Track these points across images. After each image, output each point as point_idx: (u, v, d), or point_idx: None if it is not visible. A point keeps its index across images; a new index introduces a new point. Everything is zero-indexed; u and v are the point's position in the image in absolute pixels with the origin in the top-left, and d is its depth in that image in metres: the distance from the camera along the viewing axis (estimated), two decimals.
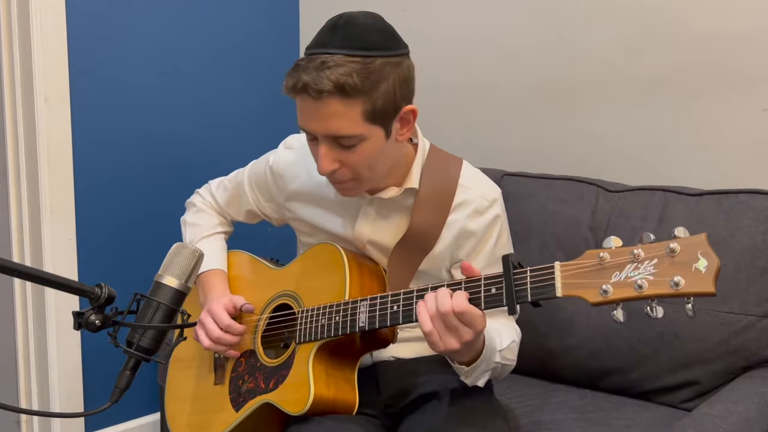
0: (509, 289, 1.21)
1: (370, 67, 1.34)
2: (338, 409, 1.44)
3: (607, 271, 1.12)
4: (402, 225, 1.53)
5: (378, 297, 1.38)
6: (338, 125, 1.35)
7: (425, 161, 1.53)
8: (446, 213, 1.51)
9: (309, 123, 1.38)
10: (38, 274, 1.07)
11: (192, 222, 1.78)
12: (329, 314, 1.43)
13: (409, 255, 1.52)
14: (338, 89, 1.32)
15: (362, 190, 1.49)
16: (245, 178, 1.73)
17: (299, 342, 1.48)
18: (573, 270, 1.16)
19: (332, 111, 1.34)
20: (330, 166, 1.39)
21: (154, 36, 2.31)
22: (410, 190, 1.52)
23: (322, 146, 1.38)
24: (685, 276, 1.07)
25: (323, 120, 1.35)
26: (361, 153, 1.39)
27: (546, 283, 1.18)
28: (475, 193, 1.53)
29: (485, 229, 1.52)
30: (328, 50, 1.34)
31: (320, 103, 1.33)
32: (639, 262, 1.10)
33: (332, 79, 1.31)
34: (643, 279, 1.09)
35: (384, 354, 1.58)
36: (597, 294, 1.12)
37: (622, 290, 1.11)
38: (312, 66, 1.33)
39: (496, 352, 1.41)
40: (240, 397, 1.55)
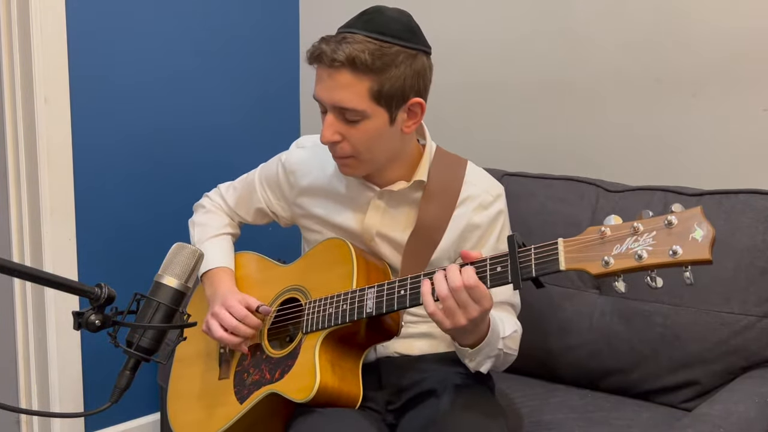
0: (514, 266, 1.25)
1: (384, 50, 1.42)
2: (342, 401, 1.45)
3: (609, 245, 1.17)
4: (410, 218, 1.58)
5: (385, 283, 1.42)
6: (344, 96, 1.43)
7: (432, 160, 1.60)
8: (452, 207, 1.57)
9: (320, 91, 1.47)
10: (38, 274, 1.07)
11: (200, 222, 1.80)
12: (336, 303, 1.46)
13: (420, 248, 1.56)
14: (349, 62, 1.41)
15: (362, 170, 1.55)
16: (256, 177, 1.77)
17: (306, 332, 1.49)
18: (575, 245, 1.20)
19: (342, 82, 1.43)
20: (331, 136, 1.47)
21: (153, 36, 2.31)
22: (419, 183, 1.57)
23: (329, 115, 1.47)
24: (683, 245, 1.11)
25: (332, 89, 1.44)
26: (363, 130, 1.46)
27: (550, 258, 1.22)
28: (480, 189, 1.59)
29: (489, 222, 1.58)
30: (351, 30, 1.45)
31: (332, 72, 1.43)
32: (638, 234, 1.15)
33: (346, 52, 1.41)
34: (642, 249, 1.13)
35: (387, 350, 1.60)
36: (599, 266, 1.16)
37: (623, 261, 1.15)
38: (333, 40, 1.44)
39: (499, 338, 1.45)
40: (245, 389, 1.55)
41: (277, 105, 2.63)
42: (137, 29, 2.27)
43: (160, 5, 2.31)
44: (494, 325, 1.42)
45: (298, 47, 2.65)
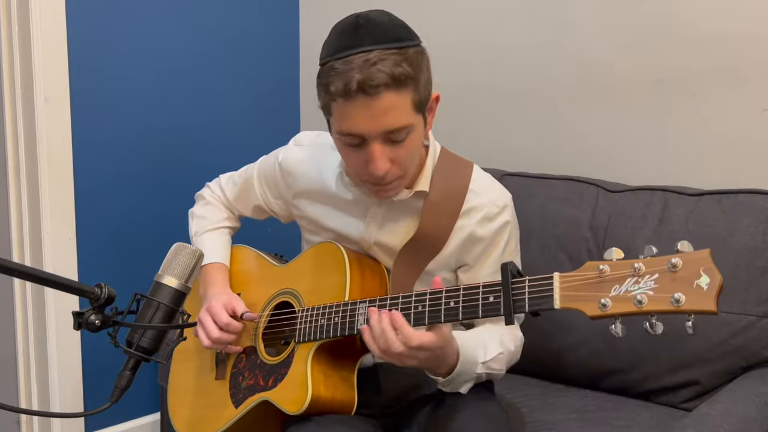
0: (507, 299, 1.20)
1: (408, 56, 1.33)
2: (336, 409, 1.44)
3: (607, 284, 1.11)
4: (410, 228, 1.53)
5: (377, 300, 1.38)
6: (394, 118, 1.33)
7: (436, 164, 1.53)
8: (455, 218, 1.50)
9: (360, 124, 1.34)
10: (38, 274, 1.07)
11: (199, 214, 1.79)
12: (329, 315, 1.43)
13: (415, 258, 1.52)
14: (394, 80, 1.30)
15: (402, 187, 1.47)
16: (254, 173, 1.73)
17: (299, 341, 1.48)
18: (572, 282, 1.14)
19: (388, 104, 1.32)
20: (386, 165, 1.37)
21: (153, 36, 2.31)
22: (420, 193, 1.51)
23: (375, 146, 1.35)
24: (686, 293, 1.05)
25: (379, 116, 1.32)
26: (409, 145, 1.38)
27: (544, 294, 1.17)
28: (485, 199, 1.52)
29: (494, 235, 1.52)
30: (362, 48, 1.31)
31: (376, 100, 1.31)
32: (639, 276, 1.09)
33: (386, 72, 1.29)
34: (643, 294, 1.08)
35: None
36: (595, 308, 1.11)
37: (621, 305, 1.09)
38: (356, 65, 1.30)
39: (477, 364, 1.42)
40: (240, 393, 1.55)
41: (278, 104, 2.63)
42: (137, 28, 2.27)
43: (160, 4, 2.31)
44: (469, 352, 1.39)
45: (298, 47, 2.65)
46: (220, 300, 1.58)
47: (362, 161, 1.39)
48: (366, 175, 1.41)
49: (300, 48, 2.66)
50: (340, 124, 1.37)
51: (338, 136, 1.40)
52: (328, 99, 1.36)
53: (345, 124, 1.36)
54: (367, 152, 1.36)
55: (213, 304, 1.57)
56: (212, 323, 1.55)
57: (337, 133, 1.40)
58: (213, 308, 1.56)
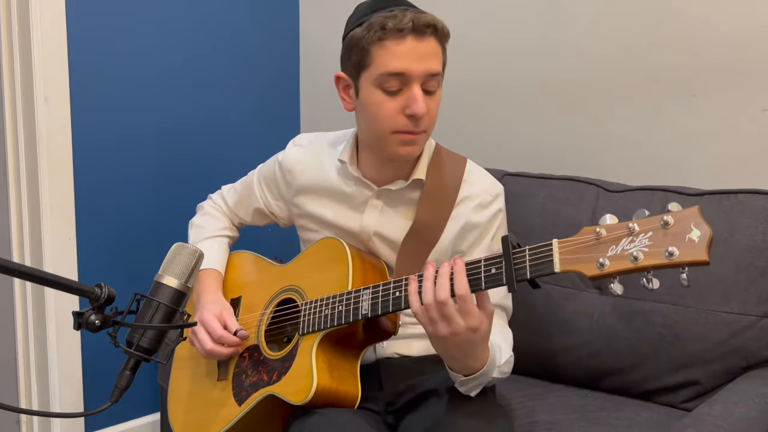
0: (509, 268, 1.24)
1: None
2: (340, 402, 1.44)
3: (604, 246, 1.15)
4: (408, 217, 1.57)
5: (380, 284, 1.41)
6: (436, 63, 1.45)
7: (431, 157, 1.59)
8: (451, 207, 1.56)
9: (408, 62, 1.43)
10: (38, 274, 1.07)
11: (198, 224, 1.82)
12: (332, 304, 1.45)
13: (416, 248, 1.55)
14: (438, 29, 1.44)
15: (423, 145, 1.55)
16: (254, 178, 1.77)
17: (303, 333, 1.49)
18: (570, 246, 1.18)
19: (432, 49, 1.45)
20: (425, 107, 1.45)
21: (153, 36, 2.31)
22: (417, 183, 1.56)
23: (416, 88, 1.44)
24: (679, 246, 1.09)
25: (425, 58, 1.43)
26: (437, 99, 1.49)
27: (544, 259, 1.20)
28: (479, 188, 1.59)
29: (488, 222, 1.58)
30: (403, 7, 1.45)
31: (423, 41, 1.43)
32: (634, 235, 1.13)
33: (434, 21, 1.44)
34: (638, 251, 1.12)
35: (387, 351, 1.60)
36: (594, 267, 1.15)
37: (618, 263, 1.13)
38: (401, 12, 1.42)
39: (495, 367, 1.42)
40: (243, 391, 1.55)
41: (278, 103, 2.63)
42: (137, 28, 2.27)
43: (160, 4, 2.31)
44: (493, 354, 1.38)
45: (298, 46, 2.65)
46: (211, 311, 1.59)
47: (398, 108, 1.45)
48: (400, 123, 1.46)
49: (300, 47, 2.66)
50: (387, 64, 1.43)
51: (380, 80, 1.45)
52: (374, 41, 1.43)
53: (392, 63, 1.43)
54: (406, 97, 1.44)
55: (205, 316, 1.58)
56: (205, 334, 1.57)
57: (378, 77, 1.45)
58: (205, 320, 1.58)
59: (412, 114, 1.44)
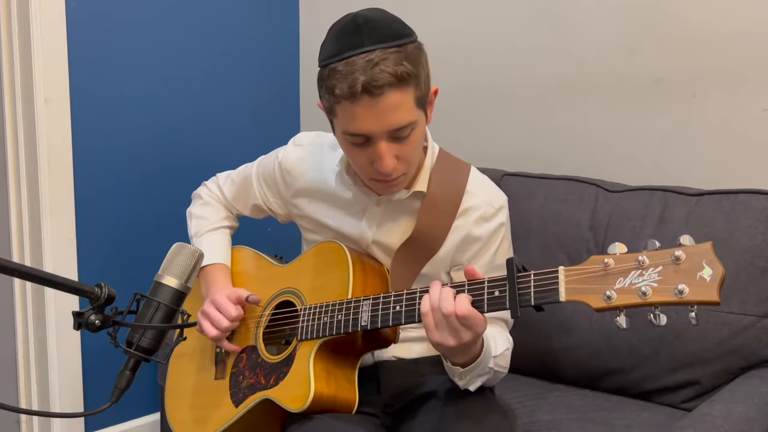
0: (513, 293, 1.22)
1: (408, 53, 1.35)
2: (338, 408, 1.44)
3: (611, 277, 1.12)
4: (408, 227, 1.54)
5: (381, 297, 1.39)
6: (398, 117, 1.36)
7: (434, 165, 1.55)
8: (452, 218, 1.52)
9: (366, 124, 1.36)
10: (38, 274, 1.07)
11: (198, 214, 1.79)
12: (331, 312, 1.44)
13: (412, 257, 1.53)
14: (397, 79, 1.32)
15: (406, 183, 1.49)
16: (253, 172, 1.73)
17: (301, 339, 1.48)
18: (577, 275, 1.16)
19: (392, 103, 1.34)
20: (393, 162, 1.39)
21: (153, 36, 2.31)
22: (418, 193, 1.53)
23: (382, 144, 1.37)
24: (690, 284, 1.06)
25: (384, 115, 1.35)
26: (413, 141, 1.41)
27: (550, 287, 1.18)
28: (482, 200, 1.54)
29: (490, 235, 1.54)
30: (364, 49, 1.33)
31: (380, 99, 1.33)
32: (643, 268, 1.10)
33: (389, 71, 1.32)
34: (647, 286, 1.09)
35: (385, 354, 1.59)
36: (600, 299, 1.12)
37: (625, 296, 1.11)
38: (359, 67, 1.32)
39: (491, 357, 1.42)
40: (240, 392, 1.55)
41: (277, 106, 2.63)
42: (137, 29, 2.27)
43: (160, 5, 2.31)
44: (486, 344, 1.39)
45: (298, 48, 2.65)
46: (223, 292, 1.59)
47: (368, 160, 1.41)
48: (372, 173, 1.43)
49: (300, 49, 2.66)
50: (346, 125, 1.38)
51: (344, 137, 1.41)
52: (332, 101, 1.37)
53: (351, 125, 1.37)
54: (374, 151, 1.39)
55: (217, 297, 1.58)
56: (218, 313, 1.55)
57: (342, 134, 1.41)
58: (218, 300, 1.57)
59: (378, 171, 1.40)
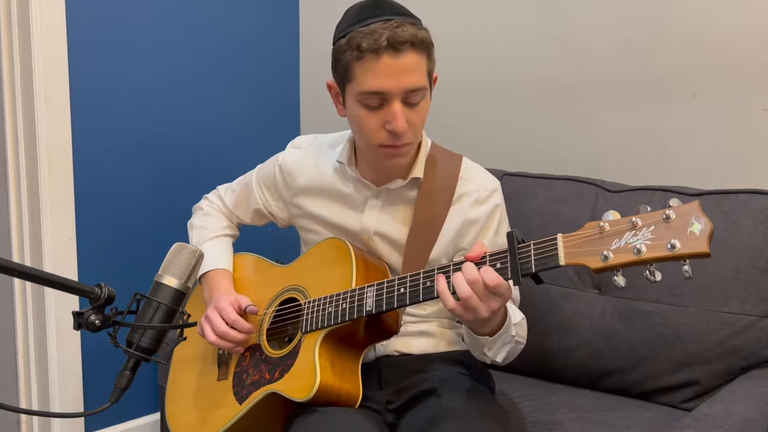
0: (514, 262, 1.25)
1: (423, 29, 1.45)
2: (342, 400, 1.45)
3: (608, 239, 1.17)
4: (407, 216, 1.59)
5: (384, 282, 1.42)
6: (415, 78, 1.43)
7: (428, 155, 1.60)
8: (449, 204, 1.57)
9: (385, 81, 1.42)
10: (38, 274, 1.07)
11: (199, 225, 1.82)
12: (336, 302, 1.46)
13: (419, 248, 1.57)
14: (417, 42, 1.41)
15: (410, 155, 1.54)
16: (253, 178, 1.77)
17: (305, 331, 1.50)
18: (575, 240, 1.20)
19: (411, 63, 1.42)
20: (405, 124, 1.44)
21: (153, 36, 2.31)
22: (414, 181, 1.58)
23: (396, 104, 1.43)
24: (681, 239, 1.11)
25: (403, 74, 1.41)
26: (422, 109, 1.47)
27: (549, 253, 1.22)
28: (476, 185, 1.60)
29: (486, 217, 1.59)
30: (384, 17, 1.42)
31: (400, 58, 1.40)
32: (637, 229, 1.15)
33: (410, 32, 1.40)
34: (641, 244, 1.14)
35: (387, 349, 1.60)
36: (598, 260, 1.16)
37: (622, 255, 1.15)
38: (381, 28, 1.40)
39: (512, 325, 1.45)
40: (244, 389, 1.55)
41: (277, 106, 2.63)
42: (137, 29, 2.27)
43: (160, 6, 2.31)
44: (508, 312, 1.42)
45: (298, 47, 2.65)
46: (227, 299, 1.60)
47: (380, 123, 1.46)
48: (383, 137, 1.47)
49: (300, 50, 2.66)
50: (365, 83, 1.43)
51: (360, 97, 1.46)
52: (352, 60, 1.43)
53: (370, 82, 1.43)
54: (387, 112, 1.44)
55: (220, 302, 1.59)
56: (219, 318, 1.57)
57: (359, 94, 1.45)
58: (221, 305, 1.59)
59: (392, 130, 1.45)
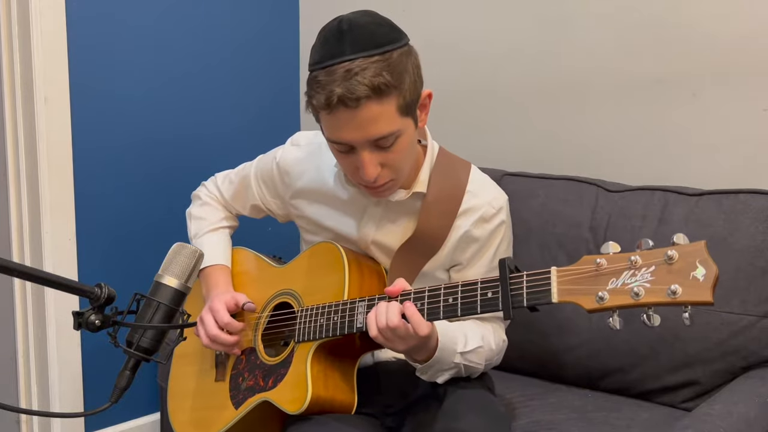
0: (505, 294, 1.22)
1: (391, 62, 1.34)
2: (336, 409, 1.44)
3: (604, 278, 1.12)
4: (408, 228, 1.54)
5: (376, 298, 1.39)
6: (378, 128, 1.35)
7: (434, 164, 1.54)
8: (452, 218, 1.52)
9: (346, 134, 1.37)
10: (38, 274, 1.07)
11: (197, 215, 1.79)
12: (327, 314, 1.44)
13: (412, 257, 1.53)
14: (374, 91, 1.32)
15: (396, 188, 1.49)
16: (252, 172, 1.73)
17: (298, 341, 1.48)
18: (569, 276, 1.15)
19: (371, 115, 1.34)
20: (376, 170, 1.39)
21: (153, 36, 2.31)
22: (418, 194, 1.53)
23: (364, 153, 1.38)
24: (683, 284, 1.06)
25: (362, 127, 1.35)
26: (399, 149, 1.40)
27: (542, 288, 1.18)
28: (482, 201, 1.54)
29: (489, 235, 1.54)
30: (345, 58, 1.33)
31: (358, 111, 1.33)
32: (636, 268, 1.09)
33: (366, 84, 1.31)
34: (639, 286, 1.08)
35: (385, 354, 1.59)
36: (593, 301, 1.12)
37: (618, 297, 1.10)
38: (338, 77, 1.32)
39: (455, 353, 1.43)
40: (240, 394, 1.55)
41: (277, 106, 2.63)
42: (137, 29, 2.26)
43: (160, 6, 2.31)
44: (448, 341, 1.40)
45: (298, 49, 2.65)
46: (222, 299, 1.59)
47: (354, 166, 1.42)
48: (359, 179, 1.44)
49: (300, 50, 2.65)
50: (329, 133, 1.41)
51: (329, 143, 1.44)
52: (313, 111, 1.40)
53: (332, 134, 1.40)
54: (357, 158, 1.39)
55: (214, 303, 1.58)
56: (212, 321, 1.56)
57: (327, 140, 1.43)
58: (214, 306, 1.57)
59: (362, 178, 1.41)
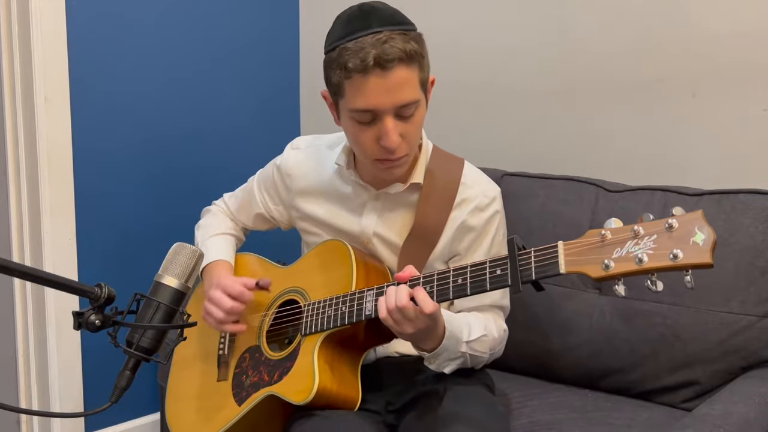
0: (514, 269, 1.24)
1: (414, 37, 1.42)
2: (340, 403, 1.45)
3: (609, 248, 1.16)
4: (407, 220, 1.58)
5: (384, 285, 1.41)
6: (405, 94, 1.41)
7: (429, 159, 1.59)
8: (449, 209, 1.57)
9: (374, 99, 1.40)
10: (38, 274, 1.07)
11: (204, 224, 1.83)
12: (336, 305, 1.46)
13: (416, 252, 1.56)
14: (406, 56, 1.38)
15: (407, 165, 1.53)
16: (254, 183, 1.78)
17: (305, 334, 1.49)
18: (576, 248, 1.19)
19: (401, 79, 1.39)
20: (398, 139, 1.43)
21: (153, 36, 2.31)
22: (414, 186, 1.57)
23: (389, 120, 1.42)
24: (684, 249, 1.10)
25: (393, 91, 1.39)
26: (416, 121, 1.46)
27: (550, 261, 1.21)
28: (477, 191, 1.59)
29: (484, 224, 1.59)
30: (373, 30, 1.39)
31: (389, 75, 1.38)
32: (639, 238, 1.14)
33: (399, 47, 1.37)
34: (643, 253, 1.12)
35: (387, 350, 1.60)
36: (599, 269, 1.15)
37: (623, 264, 1.14)
38: (368, 44, 1.37)
39: (461, 342, 1.46)
40: (243, 391, 1.55)
41: (278, 105, 2.63)
42: (137, 29, 2.27)
43: (160, 6, 2.31)
44: (455, 330, 1.42)
45: (298, 48, 2.65)
46: (228, 278, 1.60)
47: (373, 138, 1.45)
48: (377, 152, 1.46)
49: (300, 50, 2.66)
50: (355, 101, 1.42)
51: (351, 114, 1.45)
52: (341, 78, 1.41)
53: (360, 101, 1.41)
54: (380, 128, 1.43)
55: (222, 279, 1.59)
56: (224, 296, 1.56)
57: (349, 111, 1.45)
58: (222, 282, 1.57)
59: (384, 146, 1.44)
